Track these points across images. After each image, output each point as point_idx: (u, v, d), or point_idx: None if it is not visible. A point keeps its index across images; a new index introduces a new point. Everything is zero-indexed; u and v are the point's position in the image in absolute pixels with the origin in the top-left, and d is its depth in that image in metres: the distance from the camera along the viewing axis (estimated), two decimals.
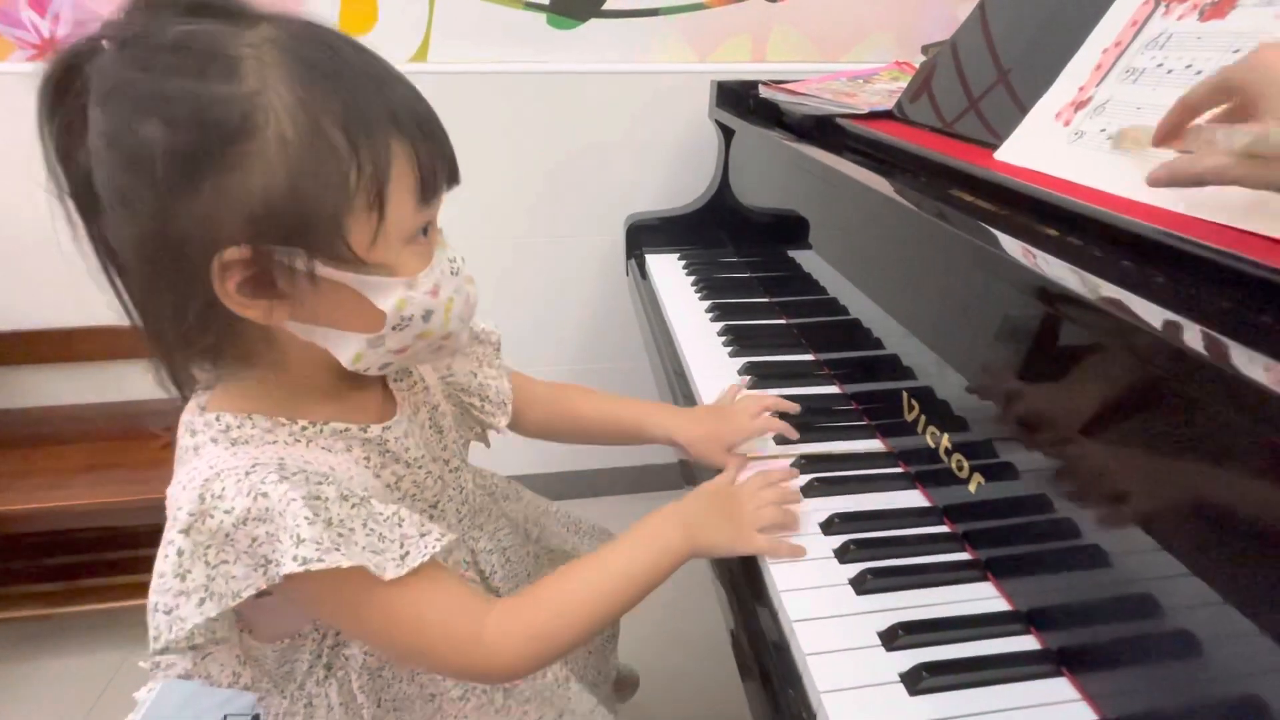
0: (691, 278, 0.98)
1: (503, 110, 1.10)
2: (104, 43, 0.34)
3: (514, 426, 0.63)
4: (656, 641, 1.09)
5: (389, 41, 1.05)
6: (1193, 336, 0.33)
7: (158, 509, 1.13)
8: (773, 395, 0.65)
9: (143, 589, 1.22)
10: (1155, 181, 0.41)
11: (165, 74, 0.33)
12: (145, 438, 1.13)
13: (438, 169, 0.39)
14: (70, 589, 1.12)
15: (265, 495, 0.36)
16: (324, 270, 0.37)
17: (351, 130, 0.35)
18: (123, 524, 1.15)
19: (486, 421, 0.60)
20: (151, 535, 1.23)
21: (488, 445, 0.62)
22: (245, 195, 0.34)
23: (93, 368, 1.17)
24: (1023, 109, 0.60)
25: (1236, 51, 0.46)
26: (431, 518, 0.51)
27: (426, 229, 0.41)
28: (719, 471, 0.59)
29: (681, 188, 1.18)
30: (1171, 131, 0.43)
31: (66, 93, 0.35)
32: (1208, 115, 0.42)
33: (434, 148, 0.39)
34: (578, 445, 0.70)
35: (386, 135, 0.36)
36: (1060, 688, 0.41)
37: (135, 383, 1.19)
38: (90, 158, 0.35)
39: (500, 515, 0.62)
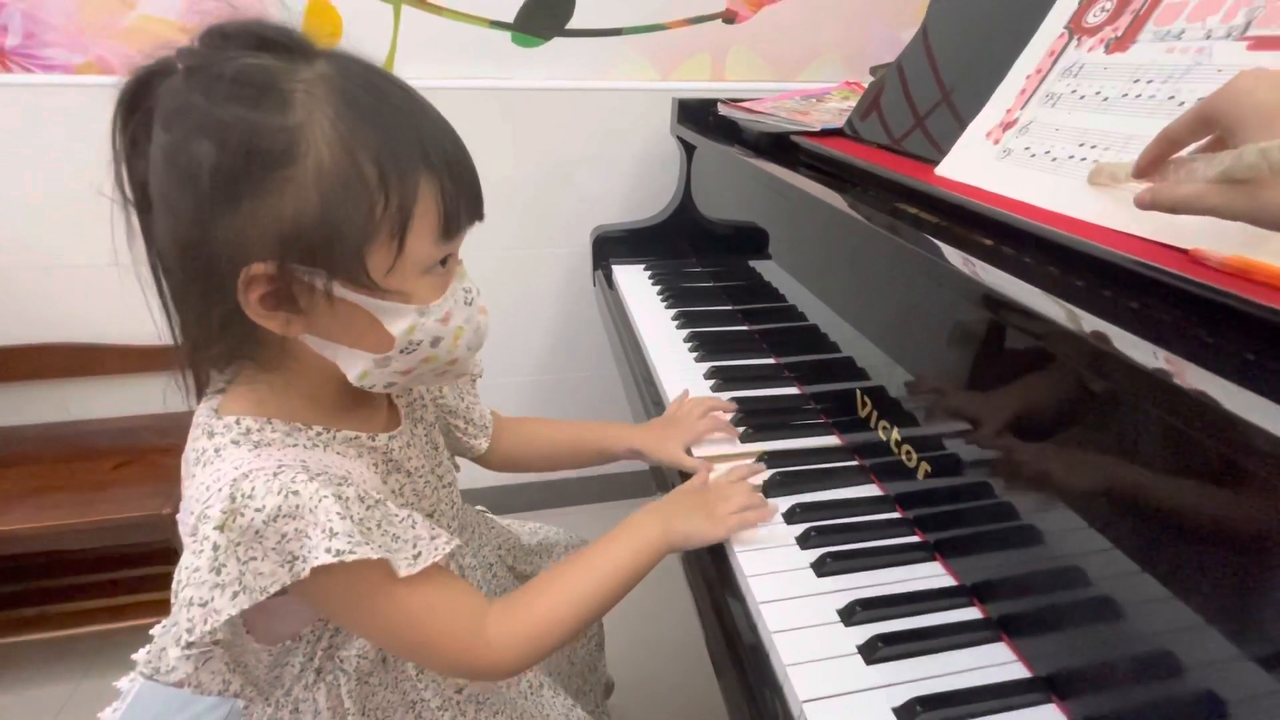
0: (657, 287, 1.01)
1: (468, 126, 1.11)
2: (179, 65, 0.37)
3: (483, 459, 0.66)
4: (634, 644, 1.11)
5: None
6: (1108, 335, 0.37)
7: (106, 532, 1.09)
8: (713, 397, 0.72)
9: (91, 616, 1.16)
10: (1140, 205, 0.41)
11: (224, 101, 0.35)
12: (91, 458, 1.10)
13: (461, 207, 0.41)
14: (13, 618, 1.07)
15: (296, 493, 0.38)
16: (341, 291, 0.39)
17: (384, 166, 0.37)
18: (69, 548, 1.11)
19: (469, 443, 0.63)
20: (99, 560, 1.18)
21: (458, 469, 0.64)
22: (278, 216, 0.36)
23: (35, 387, 1.13)
24: (963, 126, 0.65)
25: (1136, 81, 0.52)
26: None
27: (446, 260, 0.42)
28: (686, 476, 0.62)
29: (645, 201, 1.22)
30: (1152, 164, 0.42)
31: (138, 107, 0.37)
32: (1190, 148, 0.41)
33: (460, 188, 0.41)
34: (538, 472, 0.72)
35: (416, 173, 0.39)
36: (999, 651, 0.45)
37: (80, 402, 1.15)
38: (148, 167, 0.37)
39: (482, 535, 0.64)
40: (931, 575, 0.51)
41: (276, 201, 0.36)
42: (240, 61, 0.36)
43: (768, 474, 0.61)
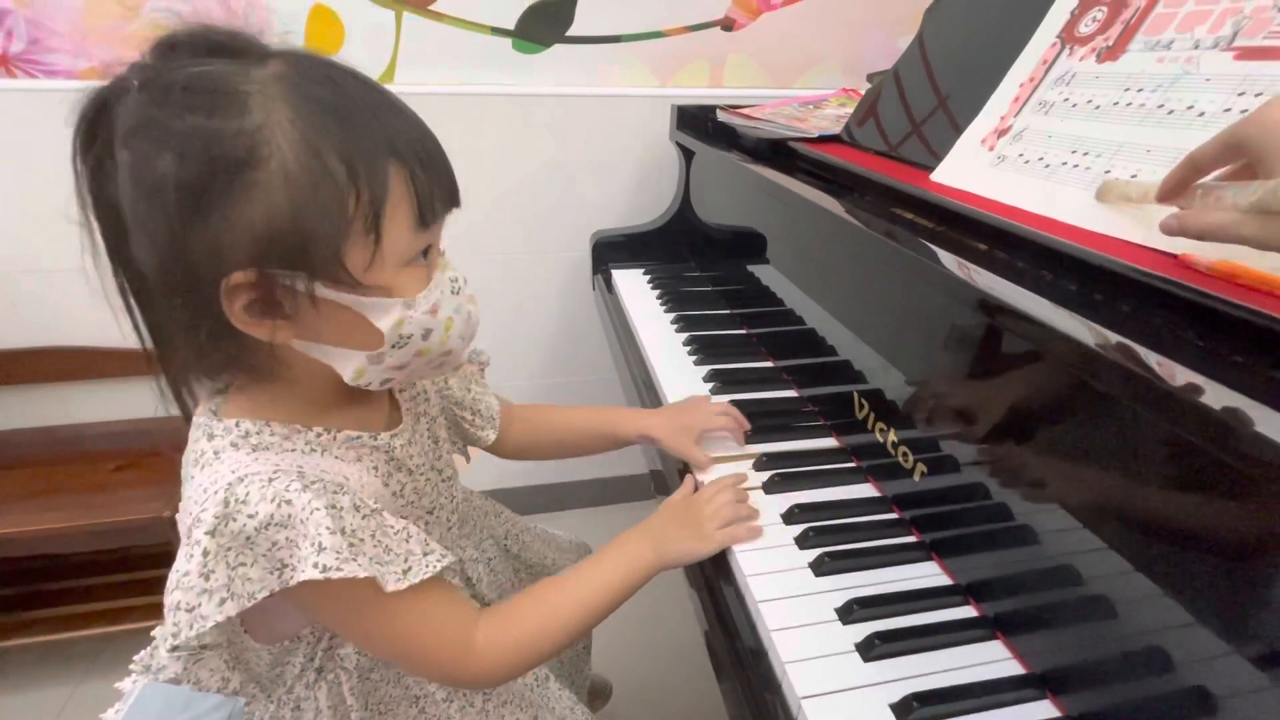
0: (656, 291, 1.02)
1: (469, 131, 1.13)
2: (134, 82, 0.36)
3: (494, 448, 0.65)
4: (633, 648, 1.11)
5: (355, 63, 1.06)
6: (1100, 338, 0.38)
7: (106, 534, 1.09)
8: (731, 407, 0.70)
9: (91, 618, 1.16)
10: (1167, 230, 0.40)
11: (178, 112, 0.35)
12: (91, 461, 1.10)
13: (435, 194, 0.40)
14: (13, 621, 1.07)
15: (289, 502, 0.38)
16: (324, 292, 0.38)
17: (350, 160, 0.37)
18: (69, 551, 1.11)
19: (476, 435, 0.62)
20: (99, 563, 1.18)
21: (468, 460, 0.64)
22: (250, 222, 0.36)
23: (36, 390, 1.14)
24: (959, 132, 0.65)
25: (1127, 89, 0.53)
26: (427, 524, 0.53)
27: (428, 251, 0.42)
28: (684, 474, 0.63)
29: (644, 206, 1.23)
30: (1176, 188, 0.41)
31: (97, 131, 0.36)
32: (1214, 174, 0.40)
33: (431, 174, 0.40)
34: (551, 460, 0.72)
35: (384, 164, 0.38)
36: (994, 649, 0.46)
37: (80, 405, 1.16)
38: (118, 190, 0.36)
39: (484, 527, 0.64)
40: (928, 575, 0.51)
41: (246, 208, 0.35)
42: (190, 69, 0.35)
43: (765, 475, 0.61)
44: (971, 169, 0.62)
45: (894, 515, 0.57)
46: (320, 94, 0.37)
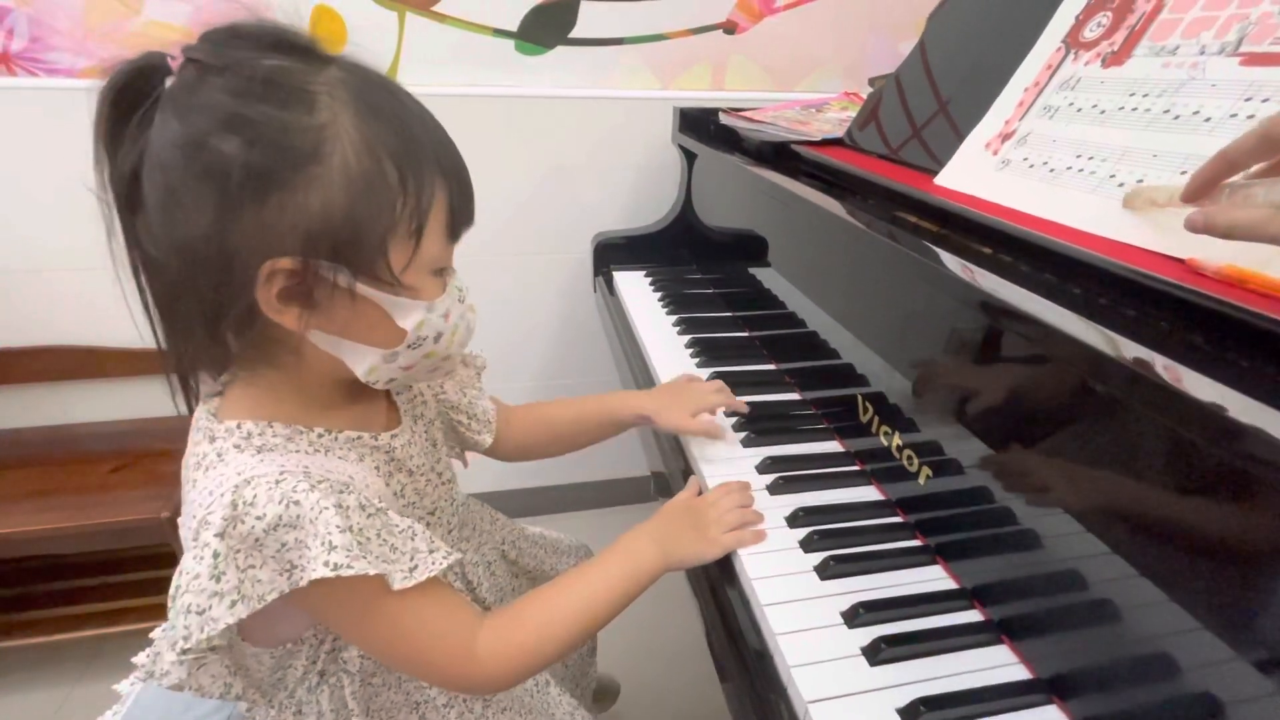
0: (658, 294, 1.02)
1: (471, 133, 1.12)
2: (188, 62, 0.37)
3: (494, 451, 0.65)
4: (635, 652, 1.11)
5: None
6: (1106, 342, 0.38)
7: (103, 535, 1.09)
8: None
9: (87, 620, 1.15)
10: (1191, 227, 0.38)
11: (254, 101, 0.36)
12: (90, 462, 1.09)
13: (464, 211, 0.44)
14: (9, 622, 1.06)
15: (297, 503, 0.38)
16: (360, 287, 0.40)
17: (403, 166, 0.39)
18: (66, 551, 1.10)
19: (472, 439, 0.63)
20: (96, 564, 1.17)
21: (465, 465, 0.64)
22: (306, 213, 0.37)
23: (34, 389, 1.13)
24: (960, 137, 0.66)
25: (1132, 95, 0.53)
26: (429, 525, 0.53)
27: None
28: (685, 475, 0.63)
29: (646, 208, 1.23)
30: (1205, 187, 0.39)
31: (131, 102, 0.37)
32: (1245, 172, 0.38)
33: (464, 192, 0.43)
34: (552, 456, 0.72)
35: (431, 175, 0.41)
36: (1000, 653, 0.46)
37: (79, 406, 1.15)
38: (144, 162, 0.37)
39: (482, 532, 0.64)
40: (933, 578, 0.51)
41: (304, 198, 0.37)
42: (266, 63, 0.37)
43: (769, 479, 0.61)
44: (975, 173, 0.62)
45: (899, 519, 0.57)
46: (379, 102, 0.39)
